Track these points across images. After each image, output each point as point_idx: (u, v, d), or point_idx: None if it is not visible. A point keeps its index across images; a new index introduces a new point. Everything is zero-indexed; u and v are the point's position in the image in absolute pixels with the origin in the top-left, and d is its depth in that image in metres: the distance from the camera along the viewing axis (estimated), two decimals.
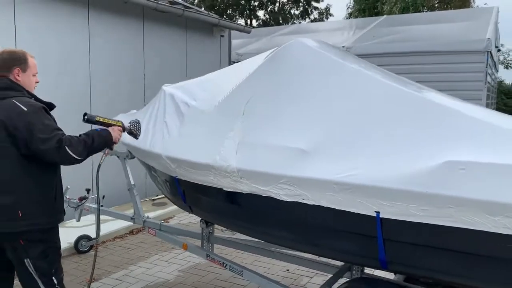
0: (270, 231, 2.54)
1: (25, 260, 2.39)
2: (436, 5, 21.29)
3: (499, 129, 1.99)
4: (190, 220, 5.80)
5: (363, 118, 2.27)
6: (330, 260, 3.32)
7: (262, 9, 31.92)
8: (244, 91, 2.67)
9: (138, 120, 2.93)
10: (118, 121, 2.75)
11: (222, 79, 3.04)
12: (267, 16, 31.72)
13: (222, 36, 8.61)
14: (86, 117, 2.63)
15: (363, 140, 2.18)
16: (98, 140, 2.48)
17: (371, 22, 13.99)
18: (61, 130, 2.40)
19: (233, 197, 2.57)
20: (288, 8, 32.52)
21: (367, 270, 3.06)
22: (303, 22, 30.98)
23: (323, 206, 2.19)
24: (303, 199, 2.25)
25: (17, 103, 2.34)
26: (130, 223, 5.22)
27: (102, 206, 4.39)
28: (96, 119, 2.65)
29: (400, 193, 1.95)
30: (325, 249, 2.38)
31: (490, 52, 9.97)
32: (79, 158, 2.36)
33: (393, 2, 21.51)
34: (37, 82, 2.60)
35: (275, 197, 2.34)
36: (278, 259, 3.48)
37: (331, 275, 2.99)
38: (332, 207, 2.16)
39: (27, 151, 2.32)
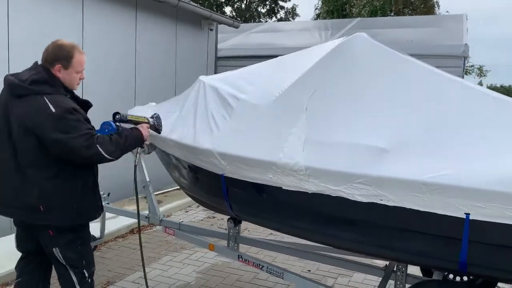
0: (335, 233, 2.43)
1: (54, 249, 2.38)
2: (402, 10, 21.91)
3: None
4: (190, 219, 5.59)
5: (441, 116, 2.21)
6: (370, 261, 3.31)
7: (229, 6, 31.72)
8: (305, 86, 2.54)
9: (158, 114, 2.90)
10: (145, 117, 2.74)
11: (269, 73, 2.90)
12: (234, 13, 31.54)
13: (211, 29, 8.42)
14: (118, 116, 2.56)
15: (446, 139, 2.13)
16: (130, 140, 2.47)
17: (347, 23, 14.19)
18: (93, 129, 2.35)
19: (293, 197, 2.44)
20: (255, 6, 32.50)
21: (410, 271, 3.01)
22: (269, 20, 31.07)
23: (405, 208, 2.11)
24: (381, 200, 2.16)
25: (47, 101, 2.27)
26: (131, 222, 4.99)
27: (108, 203, 4.15)
28: (128, 118, 2.63)
29: (497, 195, 1.90)
30: (399, 252, 2.30)
31: (466, 57, 10.35)
32: (109, 157, 2.33)
33: (362, 5, 21.95)
34: (82, 79, 2.50)
35: (347, 198, 2.24)
36: (310, 259, 3.39)
37: (378, 278, 2.93)
38: (416, 208, 2.09)
39: (55, 150, 2.26)
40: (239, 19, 30.73)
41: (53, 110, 2.24)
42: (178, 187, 6.85)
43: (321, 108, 2.44)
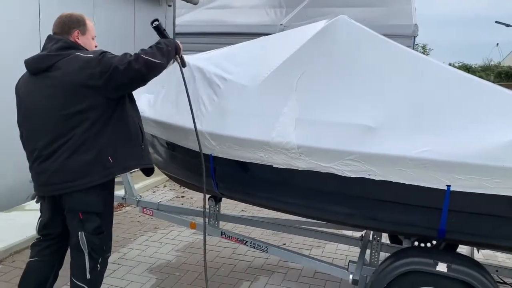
0: (324, 207, 2.57)
1: (80, 233, 2.36)
2: None
3: None
4: (158, 199, 5.56)
5: (423, 96, 2.38)
6: (348, 232, 3.51)
7: None
8: (293, 67, 2.62)
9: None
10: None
11: (255, 54, 2.94)
12: None
13: (169, 5, 8.24)
14: (156, 22, 2.48)
15: (428, 117, 2.30)
16: (170, 44, 2.42)
17: (300, 1, 14.27)
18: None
19: (282, 174, 2.55)
20: None
21: (383, 240, 3.23)
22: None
23: (391, 181, 2.28)
24: (369, 175, 2.32)
25: (81, 54, 2.30)
26: None
27: None
28: (164, 29, 2.54)
29: (477, 168, 2.11)
30: (383, 222, 2.49)
31: (415, 37, 10.82)
32: (159, 61, 2.28)
33: None
34: (96, 47, 2.49)
35: (337, 173, 2.38)
36: (289, 232, 3.55)
37: (350, 247, 3.12)
38: (402, 181, 2.27)
39: (109, 90, 2.26)
40: None
41: (91, 55, 2.29)
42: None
43: (311, 88, 2.54)
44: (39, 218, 2.58)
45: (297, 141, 2.42)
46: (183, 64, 2.62)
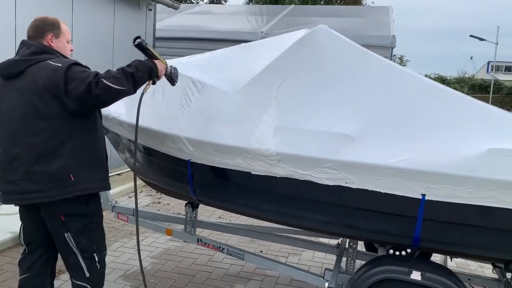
0: (301, 215, 2.58)
1: (65, 234, 2.32)
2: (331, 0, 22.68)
3: None
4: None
5: (400, 106, 2.42)
6: (325, 239, 3.53)
7: None
8: (273, 74, 2.63)
9: (176, 68, 2.59)
10: (164, 59, 2.47)
11: (235, 60, 2.94)
12: None
13: (150, 9, 8.19)
14: (139, 40, 2.30)
15: (405, 127, 2.34)
16: (142, 68, 2.27)
17: (282, 10, 14.44)
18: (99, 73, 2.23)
19: (261, 181, 2.55)
20: None
21: (359, 248, 3.26)
22: (201, 2, 30.56)
23: (367, 190, 2.31)
24: (346, 183, 2.34)
25: (52, 62, 2.24)
26: None
27: None
28: (148, 47, 2.36)
29: (450, 177, 2.15)
30: (360, 230, 2.51)
31: (393, 48, 11.04)
32: (121, 87, 2.17)
33: None
34: (72, 50, 2.48)
35: (315, 181, 2.39)
36: (266, 240, 3.54)
37: (326, 255, 3.14)
38: (378, 190, 2.29)
39: (71, 104, 2.18)
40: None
41: (60, 65, 2.21)
42: (119, 172, 6.73)
43: (290, 96, 2.55)
44: (21, 226, 2.53)
45: (276, 148, 2.42)
46: (172, 82, 2.54)
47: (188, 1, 29.36)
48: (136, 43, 2.32)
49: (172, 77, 2.52)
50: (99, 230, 2.48)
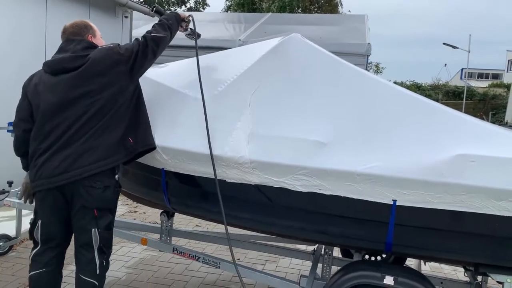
0: (276, 222, 2.58)
1: (93, 229, 2.41)
2: (309, 7, 22.93)
3: (492, 131, 2.39)
4: None
5: (372, 113, 2.47)
6: (302, 246, 3.54)
7: None
8: (248, 82, 2.64)
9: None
10: None
11: (210, 68, 2.93)
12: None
13: (126, 17, 8.14)
14: (155, 8, 2.80)
15: (376, 133, 2.38)
16: (169, 17, 2.67)
17: (259, 18, 14.53)
18: None
19: (235, 189, 2.55)
20: None
21: (334, 254, 3.29)
22: (178, 9, 30.51)
23: (340, 196, 2.34)
24: (320, 190, 2.36)
25: (101, 47, 2.55)
26: None
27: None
28: (164, 11, 2.80)
29: (420, 183, 2.20)
30: (334, 236, 2.53)
31: (368, 55, 11.23)
32: (164, 35, 2.57)
33: (271, 1, 22.56)
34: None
35: (289, 188, 2.41)
36: (243, 248, 3.53)
37: (303, 262, 3.15)
38: (350, 196, 2.32)
39: (134, 73, 2.50)
40: (146, 6, 29.71)
41: (110, 45, 2.54)
42: None
43: (264, 104, 2.56)
44: (33, 221, 2.54)
45: (250, 156, 2.43)
46: (193, 32, 2.85)
47: (166, 9, 29.30)
48: (153, 10, 2.83)
49: (193, 22, 2.81)
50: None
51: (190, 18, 2.78)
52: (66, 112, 2.39)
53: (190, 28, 2.82)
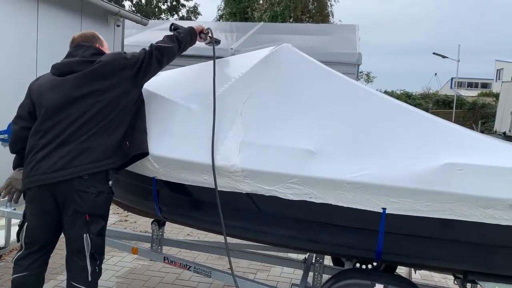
0: (268, 230, 2.59)
1: (85, 235, 2.40)
2: (300, 17, 23.12)
3: (479, 139, 2.43)
4: None
5: (361, 122, 2.50)
6: (293, 255, 3.54)
7: (129, 0, 30.60)
8: (239, 91, 2.67)
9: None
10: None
11: (202, 77, 2.95)
12: (133, 8, 30.50)
13: (118, 26, 8.16)
14: (173, 26, 2.88)
15: (366, 142, 2.41)
16: (181, 30, 2.80)
17: (251, 27, 14.62)
18: None
19: (226, 197, 2.56)
20: (156, 2, 31.79)
21: (326, 262, 3.29)
22: (170, 18, 30.62)
23: (331, 204, 2.35)
24: (310, 198, 2.38)
25: (109, 53, 2.68)
26: None
27: (15, 209, 3.86)
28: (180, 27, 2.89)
29: (409, 191, 2.23)
30: (325, 244, 2.54)
31: (359, 65, 11.33)
32: (169, 45, 2.68)
33: (263, 10, 22.72)
34: None
35: (280, 196, 2.42)
36: (236, 257, 3.52)
37: (295, 271, 3.16)
38: (340, 204, 2.34)
39: (140, 78, 2.59)
40: (138, 14, 29.78)
41: (116, 52, 2.70)
42: None
43: (255, 113, 2.59)
44: (22, 223, 2.53)
45: (241, 164, 2.44)
46: (215, 41, 2.95)
47: (158, 17, 29.38)
48: (172, 28, 2.89)
49: (211, 34, 2.93)
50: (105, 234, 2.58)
51: (209, 30, 2.92)
52: (68, 110, 2.43)
53: (210, 36, 2.94)
